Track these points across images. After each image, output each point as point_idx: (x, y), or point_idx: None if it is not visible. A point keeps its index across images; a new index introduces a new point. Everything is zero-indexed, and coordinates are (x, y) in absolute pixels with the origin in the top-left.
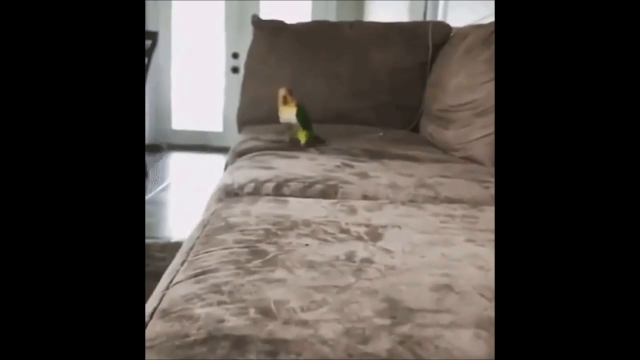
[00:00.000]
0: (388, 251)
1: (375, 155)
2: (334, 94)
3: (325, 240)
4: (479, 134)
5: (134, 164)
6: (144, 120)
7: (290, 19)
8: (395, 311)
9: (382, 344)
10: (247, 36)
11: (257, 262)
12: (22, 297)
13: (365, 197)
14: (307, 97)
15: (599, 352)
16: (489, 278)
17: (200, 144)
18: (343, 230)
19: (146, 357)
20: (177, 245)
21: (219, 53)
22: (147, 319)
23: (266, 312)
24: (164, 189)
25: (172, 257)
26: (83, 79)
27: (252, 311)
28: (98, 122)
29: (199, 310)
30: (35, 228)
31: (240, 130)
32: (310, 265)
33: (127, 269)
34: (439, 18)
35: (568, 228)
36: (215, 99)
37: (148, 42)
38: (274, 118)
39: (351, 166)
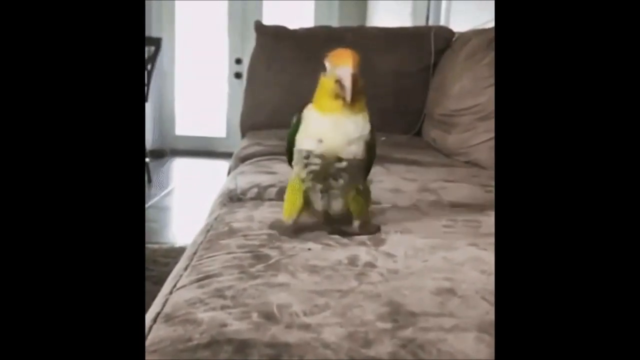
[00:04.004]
0: (390, 255)
1: (378, 159)
2: None
3: (328, 245)
4: (482, 138)
5: (133, 170)
6: (143, 126)
7: (293, 23)
8: (398, 315)
9: (385, 348)
10: (250, 42)
11: (260, 266)
12: (22, 302)
13: None
14: (309, 102)
15: (599, 355)
16: (491, 282)
17: (203, 150)
18: None
19: None
20: (181, 250)
21: (222, 59)
22: (150, 323)
23: (269, 316)
24: (167, 195)
25: (176, 262)
26: (82, 85)
27: (255, 315)
28: (96, 129)
29: (202, 315)
30: (34, 230)
31: (243, 135)
32: (313, 269)
33: (127, 274)
34: (442, 22)
35: (569, 232)
36: (219, 104)
37: (151, 49)
38: (276, 123)
39: None
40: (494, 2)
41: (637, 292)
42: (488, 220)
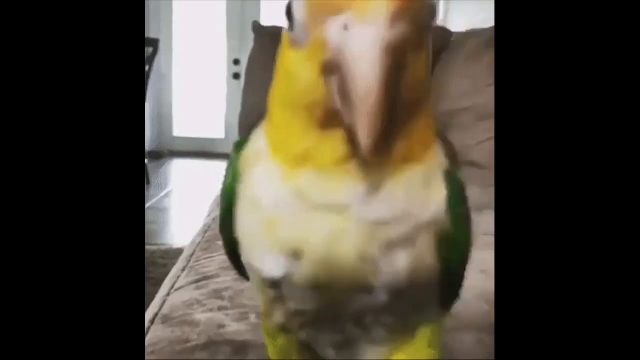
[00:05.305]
0: None
1: None
2: None
3: None
4: (480, 138)
5: (134, 171)
6: (144, 127)
7: None
8: None
9: None
10: (249, 43)
11: None
12: (21, 302)
13: None
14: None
15: (599, 355)
16: (490, 282)
17: (202, 151)
18: None
19: None
20: (180, 252)
21: (220, 59)
22: (148, 324)
23: None
24: (166, 196)
25: (175, 263)
26: (82, 86)
27: (252, 317)
28: (96, 130)
29: (200, 316)
30: (33, 231)
31: (242, 136)
32: None
33: (127, 276)
34: (440, 22)
35: (569, 232)
36: (217, 105)
37: (149, 50)
38: None
39: None
40: (493, 2)
41: (638, 293)
42: (487, 221)
